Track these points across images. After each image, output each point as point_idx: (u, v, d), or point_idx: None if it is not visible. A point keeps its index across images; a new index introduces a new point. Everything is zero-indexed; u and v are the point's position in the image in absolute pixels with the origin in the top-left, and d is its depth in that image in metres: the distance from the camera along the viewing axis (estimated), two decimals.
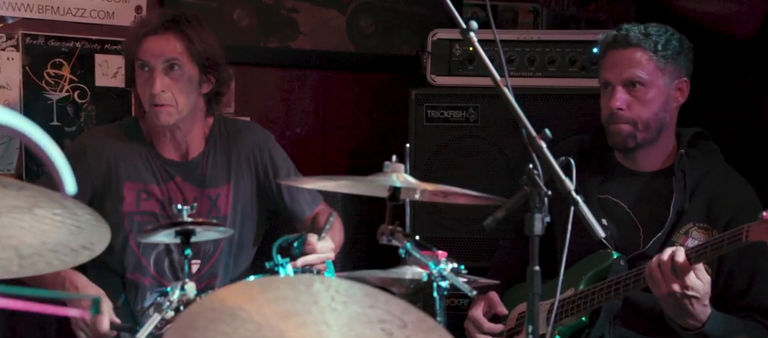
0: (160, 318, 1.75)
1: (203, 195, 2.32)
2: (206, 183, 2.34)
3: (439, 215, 2.77)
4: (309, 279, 1.25)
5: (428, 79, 2.88)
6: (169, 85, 2.22)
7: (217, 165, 2.37)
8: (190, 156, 2.35)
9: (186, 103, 2.25)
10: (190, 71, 2.26)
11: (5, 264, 1.60)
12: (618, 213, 2.25)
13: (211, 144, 2.37)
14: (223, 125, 2.41)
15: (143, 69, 2.24)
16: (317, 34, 3.16)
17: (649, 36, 2.19)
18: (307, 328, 1.12)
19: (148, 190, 2.29)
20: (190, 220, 1.88)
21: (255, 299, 1.15)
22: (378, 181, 1.83)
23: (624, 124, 2.21)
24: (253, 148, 2.40)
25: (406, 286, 1.79)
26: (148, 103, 2.24)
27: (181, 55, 2.23)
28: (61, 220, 1.63)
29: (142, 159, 2.30)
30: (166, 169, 2.32)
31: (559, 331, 2.18)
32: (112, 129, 2.39)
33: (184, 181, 2.33)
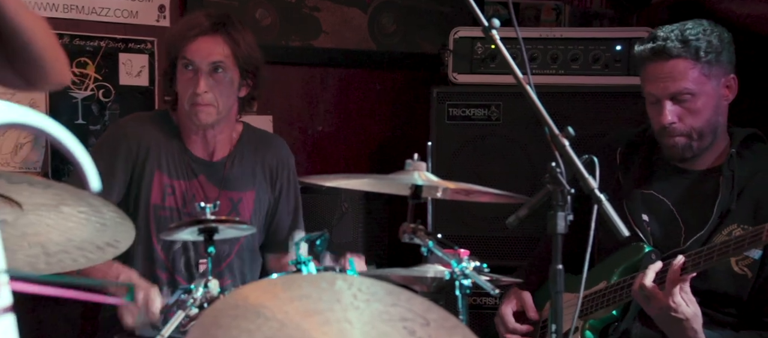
0: (184, 315, 1.76)
1: (224, 197, 2.33)
2: (228, 186, 2.36)
3: (461, 213, 2.77)
4: (331, 277, 1.25)
5: (450, 77, 2.87)
6: (212, 86, 2.25)
7: (241, 170, 2.39)
8: (216, 157, 2.37)
9: (225, 104, 2.28)
10: (232, 74, 2.28)
11: (32, 261, 1.62)
12: (661, 210, 2.21)
13: (238, 149, 2.39)
14: (252, 133, 2.44)
15: (187, 68, 2.26)
16: (339, 32, 3.17)
17: (688, 43, 2.10)
18: (329, 326, 1.12)
19: (173, 185, 2.31)
20: (214, 218, 1.89)
21: (278, 297, 1.16)
22: (400, 180, 1.83)
23: (679, 137, 2.14)
24: (277, 162, 2.43)
25: (428, 284, 1.79)
26: (188, 101, 2.26)
27: (227, 58, 2.26)
28: (87, 218, 1.65)
29: (174, 152, 2.32)
30: (192, 166, 2.34)
31: (590, 324, 2.17)
32: (148, 118, 2.40)
33: (207, 180, 2.35)
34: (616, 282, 2.15)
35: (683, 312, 1.96)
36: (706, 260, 1.95)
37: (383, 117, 3.28)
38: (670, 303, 1.95)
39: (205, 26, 2.26)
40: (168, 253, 2.30)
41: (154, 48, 2.89)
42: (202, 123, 2.28)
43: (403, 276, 1.82)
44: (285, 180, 2.44)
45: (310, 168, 2.69)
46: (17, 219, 1.60)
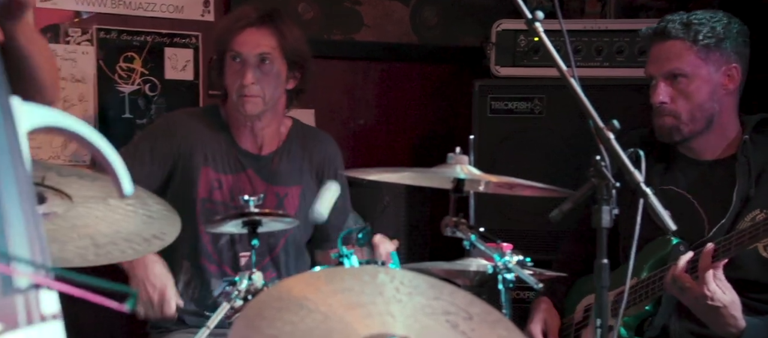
0: (228, 306, 1.78)
1: (270, 191, 2.35)
2: (275, 181, 2.38)
3: (503, 207, 2.75)
4: (374, 271, 1.26)
5: (492, 71, 2.86)
6: (260, 77, 2.27)
7: (289, 165, 2.41)
8: (264, 151, 2.39)
9: (272, 96, 2.31)
10: (279, 66, 2.31)
11: (82, 252, 1.65)
12: (681, 203, 2.21)
13: (287, 144, 2.41)
14: (300, 129, 2.46)
15: (235, 60, 2.29)
16: (381, 26, 3.17)
17: (690, 26, 2.14)
18: (372, 319, 1.12)
19: (221, 180, 2.34)
20: (257, 211, 1.91)
21: (321, 289, 1.16)
22: (442, 173, 1.83)
23: (667, 116, 2.18)
24: (325, 159, 2.45)
25: (470, 278, 1.79)
26: (236, 92, 2.29)
27: (274, 50, 2.28)
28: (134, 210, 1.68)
29: (222, 147, 2.35)
30: (241, 160, 2.37)
31: (624, 321, 2.15)
32: (198, 113, 2.44)
33: (255, 174, 2.37)
34: (647, 277, 2.14)
35: (720, 300, 1.95)
36: (737, 245, 1.94)
37: (425, 110, 3.27)
38: (705, 291, 1.94)
39: (252, 18, 2.28)
40: (215, 246, 2.33)
41: (198, 42, 2.92)
42: (249, 114, 2.31)
43: (446, 269, 1.81)
44: (332, 176, 2.46)
45: (351, 161, 2.70)
46: (67, 211, 1.63)
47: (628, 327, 2.16)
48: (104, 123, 2.80)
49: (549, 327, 2.31)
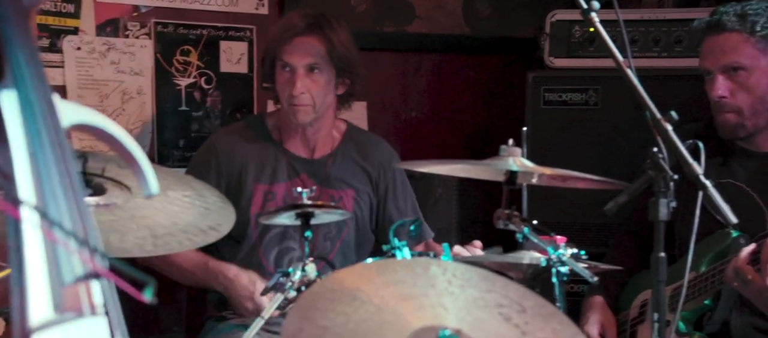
0: (282, 297, 1.80)
1: (325, 195, 2.37)
2: (328, 184, 2.40)
3: (557, 200, 2.72)
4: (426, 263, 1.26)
5: (546, 62, 2.82)
6: (309, 86, 2.29)
7: (342, 169, 2.42)
8: (317, 155, 2.41)
9: (322, 103, 2.32)
10: (328, 74, 2.32)
11: (141, 242, 1.69)
12: (740, 196, 2.16)
13: (340, 148, 2.43)
14: (354, 133, 2.47)
15: (284, 69, 2.31)
16: (433, 17, 3.16)
17: (745, 17, 2.09)
18: (424, 311, 1.12)
19: (274, 191, 2.36)
20: (310, 203, 1.93)
21: (373, 281, 1.17)
22: (494, 165, 1.81)
23: (729, 113, 2.13)
24: (378, 164, 2.45)
25: (523, 271, 1.77)
26: (286, 101, 2.32)
27: (322, 58, 2.30)
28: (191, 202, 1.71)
29: (271, 157, 2.37)
30: (293, 165, 2.39)
31: (683, 316, 2.11)
32: (240, 129, 2.46)
33: (308, 178, 2.39)
34: (706, 271, 2.10)
35: None
36: None
37: (477, 102, 3.25)
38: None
39: (300, 27, 2.29)
40: (269, 258, 2.35)
41: (253, 36, 2.95)
42: (300, 122, 2.33)
43: (498, 262, 1.80)
44: (390, 180, 2.46)
45: (403, 154, 2.70)
46: (127, 203, 1.67)
47: (687, 322, 2.13)
48: (161, 115, 2.85)
49: (606, 327, 2.27)
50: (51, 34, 2.69)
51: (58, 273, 0.92)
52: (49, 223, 0.92)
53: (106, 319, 0.94)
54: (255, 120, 2.47)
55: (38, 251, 0.93)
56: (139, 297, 0.89)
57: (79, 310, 0.91)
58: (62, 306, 0.91)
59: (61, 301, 0.91)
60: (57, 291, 0.91)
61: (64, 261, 0.92)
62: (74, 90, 2.72)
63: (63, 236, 0.92)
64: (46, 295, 0.91)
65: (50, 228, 0.92)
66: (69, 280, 0.92)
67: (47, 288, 0.91)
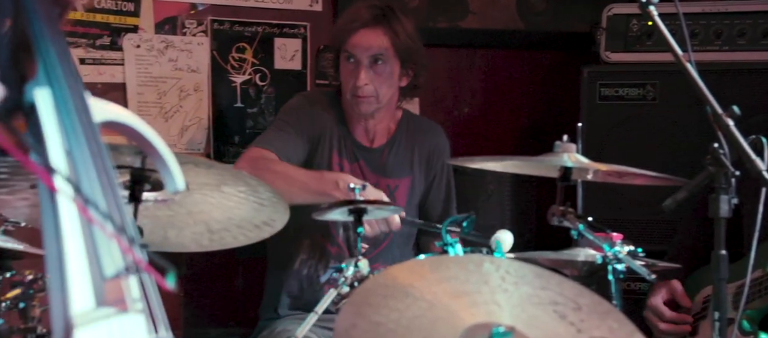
0: (336, 293, 1.81)
1: (381, 184, 2.38)
2: (385, 173, 2.41)
3: (613, 196, 2.68)
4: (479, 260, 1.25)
5: (602, 56, 2.78)
6: (373, 77, 2.30)
7: (399, 157, 2.43)
8: (375, 143, 2.43)
9: (385, 95, 2.33)
10: (393, 65, 2.33)
11: (198, 237, 1.72)
12: None
13: (396, 136, 2.44)
14: (410, 120, 2.47)
15: (349, 60, 2.33)
16: (486, 13, 3.13)
17: None
18: (477, 308, 1.12)
19: (343, 164, 2.39)
20: (363, 199, 1.93)
21: (426, 278, 1.17)
22: (548, 161, 1.80)
23: None
24: (434, 150, 2.45)
25: (578, 268, 1.75)
26: (350, 92, 2.33)
27: (387, 50, 2.31)
28: (245, 197, 1.73)
29: (342, 134, 2.40)
30: (354, 151, 2.41)
31: (748, 315, 2.06)
32: (327, 96, 2.47)
33: (366, 165, 2.41)
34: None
35: None
36: None
37: (531, 98, 3.22)
38: None
39: (365, 19, 2.30)
40: (339, 228, 2.36)
41: (307, 32, 2.98)
42: (363, 113, 2.34)
43: (552, 259, 1.78)
44: (439, 168, 2.46)
45: (455, 150, 2.69)
46: (184, 198, 1.70)
47: (751, 321, 2.07)
48: (217, 112, 2.89)
49: (674, 289, 2.20)
50: (112, 32, 2.75)
51: (99, 267, 0.93)
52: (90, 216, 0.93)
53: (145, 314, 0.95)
54: (334, 95, 2.47)
55: (78, 245, 0.94)
56: (162, 285, 0.90)
57: (121, 305, 0.93)
58: (104, 300, 0.92)
59: (103, 295, 0.92)
60: (98, 285, 0.93)
61: (105, 256, 0.94)
62: (134, 87, 2.78)
63: (103, 227, 0.93)
64: (87, 290, 0.92)
65: (90, 222, 0.93)
66: (110, 274, 0.93)
67: (89, 282, 0.92)
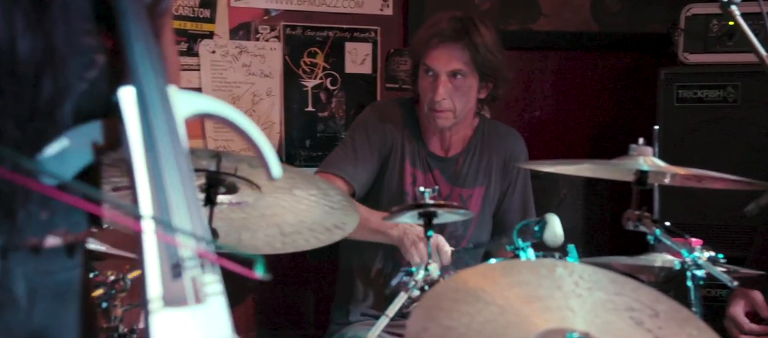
0: (406, 296, 1.81)
1: (455, 193, 2.37)
2: (460, 182, 2.40)
3: (691, 201, 2.61)
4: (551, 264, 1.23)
5: (680, 58, 2.72)
6: (451, 91, 2.30)
7: (474, 166, 2.41)
8: (450, 153, 2.41)
9: (463, 108, 2.33)
10: (471, 80, 2.32)
11: (270, 240, 1.75)
12: None
13: (471, 144, 2.42)
14: (486, 127, 2.45)
15: (427, 73, 2.33)
16: (559, 14, 3.09)
17: None
18: (550, 313, 1.10)
19: (415, 175, 2.39)
20: (433, 202, 1.93)
21: (497, 282, 1.16)
22: (623, 165, 1.76)
23: None
24: (511, 156, 2.42)
25: (655, 274, 1.71)
26: (427, 105, 2.33)
27: (466, 65, 2.29)
28: (317, 201, 1.75)
29: (415, 143, 2.40)
30: (428, 161, 2.41)
31: None
32: (399, 105, 2.48)
33: (440, 175, 2.40)
34: None
35: None
36: None
37: (605, 100, 3.16)
38: None
39: (446, 34, 2.29)
40: None
41: (377, 36, 2.99)
42: (439, 127, 2.33)
43: (628, 264, 1.74)
44: (514, 175, 2.43)
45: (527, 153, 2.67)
46: (257, 201, 1.73)
47: None
48: (288, 116, 2.93)
49: (755, 300, 2.12)
50: (188, 38, 2.82)
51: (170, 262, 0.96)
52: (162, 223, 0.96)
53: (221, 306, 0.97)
54: (409, 103, 2.47)
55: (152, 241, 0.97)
56: (251, 275, 0.91)
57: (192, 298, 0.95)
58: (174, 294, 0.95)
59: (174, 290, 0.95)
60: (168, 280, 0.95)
61: (174, 252, 0.96)
62: (209, 92, 2.84)
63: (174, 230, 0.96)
64: (159, 282, 0.95)
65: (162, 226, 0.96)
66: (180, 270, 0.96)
67: (160, 276, 0.95)
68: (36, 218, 1.07)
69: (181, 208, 0.99)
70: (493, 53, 2.31)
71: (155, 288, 0.94)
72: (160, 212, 0.98)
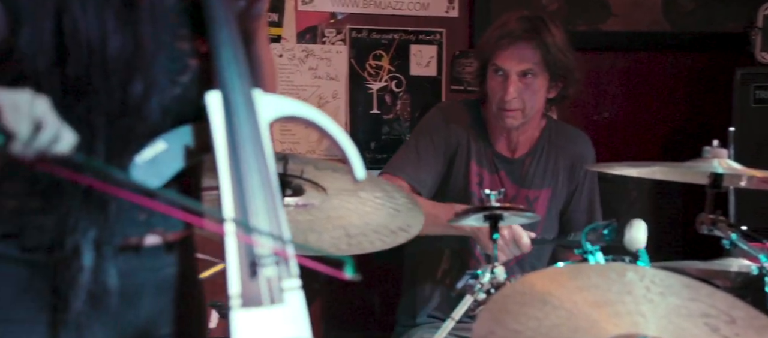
0: (472, 299, 1.80)
1: (521, 195, 2.35)
2: (526, 183, 2.37)
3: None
4: (621, 268, 1.21)
5: (757, 57, 2.65)
6: (521, 91, 2.28)
7: (540, 167, 2.38)
8: (517, 154, 2.39)
9: (532, 108, 2.31)
10: (542, 79, 2.30)
11: (336, 242, 1.76)
12: None
13: (538, 145, 2.40)
14: (554, 128, 2.43)
15: (497, 73, 2.31)
16: (630, 14, 3.03)
17: None
18: (620, 318, 1.08)
19: (482, 175, 2.38)
20: (499, 205, 1.91)
21: (565, 286, 1.14)
22: (696, 168, 1.71)
23: None
24: (578, 159, 2.39)
25: (731, 279, 1.66)
26: (496, 105, 2.31)
27: (537, 64, 2.27)
28: (382, 203, 1.76)
29: (481, 144, 2.39)
30: (494, 162, 2.39)
31: None
32: (465, 106, 2.47)
33: (506, 176, 2.38)
34: None
35: None
36: None
37: (677, 102, 3.09)
38: None
39: (516, 34, 2.27)
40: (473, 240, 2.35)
41: (442, 38, 2.98)
42: (508, 127, 2.32)
43: (702, 269, 1.70)
44: (582, 177, 2.39)
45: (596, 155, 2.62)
46: (323, 203, 1.75)
47: None
48: (354, 119, 2.95)
49: None
50: None
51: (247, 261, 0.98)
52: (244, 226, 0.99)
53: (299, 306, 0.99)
54: (475, 104, 2.46)
55: (233, 241, 0.99)
56: (340, 276, 0.93)
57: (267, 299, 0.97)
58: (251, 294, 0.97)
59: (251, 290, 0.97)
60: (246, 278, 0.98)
61: (251, 251, 0.99)
62: None
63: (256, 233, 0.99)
64: (237, 281, 0.97)
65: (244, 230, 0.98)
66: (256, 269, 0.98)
67: (238, 274, 0.97)
68: (135, 219, 1.12)
69: (261, 210, 1.02)
70: (563, 52, 2.28)
71: (235, 286, 0.97)
72: (240, 213, 1.01)
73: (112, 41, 1.09)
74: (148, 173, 1.03)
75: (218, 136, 1.04)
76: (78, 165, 1.00)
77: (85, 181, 1.02)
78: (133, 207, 1.08)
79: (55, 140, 0.97)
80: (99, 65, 1.08)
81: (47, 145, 0.96)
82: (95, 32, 1.08)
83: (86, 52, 1.08)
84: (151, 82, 1.10)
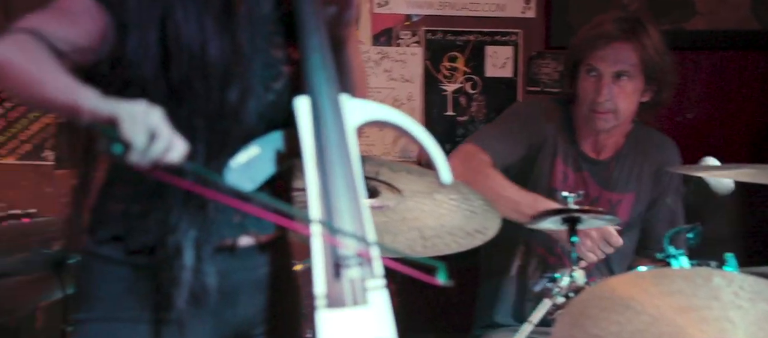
0: (550, 303, 1.77)
1: (604, 197, 2.30)
2: (610, 186, 2.32)
3: None
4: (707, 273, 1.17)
5: None
6: (615, 93, 2.23)
7: (625, 171, 2.33)
8: (602, 156, 2.35)
9: (625, 111, 2.25)
10: (637, 81, 2.24)
11: (411, 243, 1.76)
12: None
13: (624, 148, 2.34)
14: (640, 132, 2.37)
15: (590, 74, 2.27)
16: (716, 12, 2.94)
17: None
18: (707, 324, 1.05)
19: (567, 173, 2.34)
20: (577, 207, 1.88)
21: (647, 291, 1.12)
22: None
23: None
24: (664, 165, 2.32)
25: None
26: (588, 106, 2.27)
27: (633, 66, 2.22)
28: (457, 205, 1.75)
29: (567, 142, 2.35)
30: (579, 161, 2.35)
31: None
32: (558, 104, 2.42)
33: (590, 177, 2.34)
34: None
35: None
36: None
37: (765, 102, 2.97)
38: None
39: (614, 33, 2.22)
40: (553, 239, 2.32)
41: (518, 39, 2.95)
42: (599, 128, 2.27)
43: None
44: (666, 183, 2.33)
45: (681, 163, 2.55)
46: (398, 205, 1.75)
47: None
48: (428, 121, 2.95)
49: None
50: None
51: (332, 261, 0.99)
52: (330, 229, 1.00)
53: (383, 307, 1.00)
54: (564, 103, 2.41)
55: (319, 243, 1.01)
56: (432, 282, 0.94)
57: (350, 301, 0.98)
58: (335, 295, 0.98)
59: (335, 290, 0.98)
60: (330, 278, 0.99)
61: (335, 252, 1.00)
62: None
63: (340, 234, 1.00)
64: (323, 281, 0.99)
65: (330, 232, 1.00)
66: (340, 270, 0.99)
67: (324, 275, 0.99)
68: (230, 221, 1.16)
69: (345, 212, 1.04)
70: (661, 55, 2.21)
71: (320, 287, 0.99)
72: (325, 215, 1.02)
73: (212, 47, 1.12)
74: (242, 177, 1.06)
75: (306, 140, 1.06)
76: (180, 169, 1.03)
77: (186, 185, 1.05)
78: (229, 209, 1.11)
79: (168, 149, 1.00)
80: (199, 70, 1.12)
81: (161, 154, 0.99)
82: (196, 38, 1.12)
83: (188, 57, 1.11)
84: (247, 87, 1.13)
